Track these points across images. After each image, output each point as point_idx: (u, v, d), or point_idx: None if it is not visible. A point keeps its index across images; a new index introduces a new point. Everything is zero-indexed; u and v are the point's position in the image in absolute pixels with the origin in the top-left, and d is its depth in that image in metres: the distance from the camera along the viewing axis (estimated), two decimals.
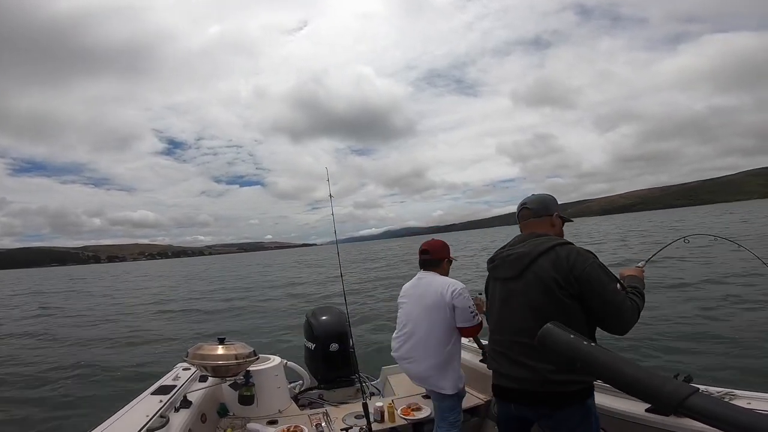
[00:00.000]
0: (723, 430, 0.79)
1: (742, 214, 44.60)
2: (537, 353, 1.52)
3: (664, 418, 1.72)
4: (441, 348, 2.17)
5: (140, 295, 20.18)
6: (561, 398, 1.52)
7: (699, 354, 5.04)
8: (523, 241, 1.69)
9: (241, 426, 2.44)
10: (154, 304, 16.01)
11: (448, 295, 2.16)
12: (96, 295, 22.66)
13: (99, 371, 6.64)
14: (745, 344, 5.13)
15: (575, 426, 1.54)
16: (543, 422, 1.61)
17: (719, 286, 8.78)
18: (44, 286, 34.82)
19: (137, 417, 1.89)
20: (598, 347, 1.11)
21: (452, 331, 2.19)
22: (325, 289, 15.69)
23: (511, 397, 1.64)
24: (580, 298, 1.51)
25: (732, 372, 4.43)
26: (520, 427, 1.71)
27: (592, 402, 1.59)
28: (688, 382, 1.18)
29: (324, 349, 3.18)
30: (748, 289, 8.02)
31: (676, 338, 5.62)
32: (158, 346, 8.22)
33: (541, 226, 1.74)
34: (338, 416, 2.59)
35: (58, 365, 7.18)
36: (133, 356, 7.52)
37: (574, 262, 1.52)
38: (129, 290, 24.72)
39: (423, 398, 2.81)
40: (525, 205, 1.81)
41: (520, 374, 1.57)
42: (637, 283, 1.68)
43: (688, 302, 7.68)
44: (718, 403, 0.83)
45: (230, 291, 18.86)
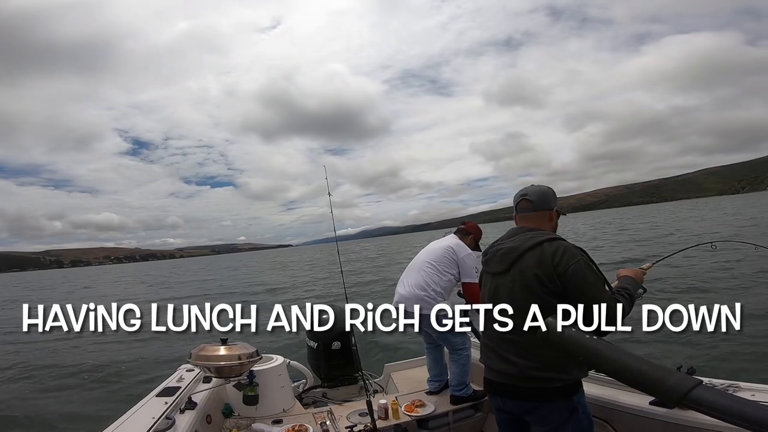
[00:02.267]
0: (727, 422, 0.79)
1: (705, 211, 45.82)
2: (520, 349, 1.53)
3: (668, 410, 1.73)
4: (430, 279, 2.67)
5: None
6: (544, 393, 1.51)
7: (702, 346, 5.05)
8: (513, 235, 1.66)
9: (246, 426, 2.45)
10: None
11: (459, 252, 2.75)
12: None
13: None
14: (749, 336, 5.13)
15: (562, 422, 1.52)
16: (529, 417, 1.61)
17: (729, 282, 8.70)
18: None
19: (143, 419, 1.90)
20: (600, 341, 1.11)
21: (449, 275, 2.70)
22: (325, 289, 15.68)
23: (498, 391, 1.65)
24: (563, 295, 1.48)
25: (735, 364, 4.44)
26: (514, 420, 1.70)
27: (581, 398, 1.56)
28: (691, 375, 1.18)
29: (326, 347, 3.18)
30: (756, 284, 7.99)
31: (679, 331, 5.61)
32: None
33: (537, 220, 1.68)
34: (342, 414, 2.59)
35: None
36: (133, 356, 7.54)
37: (560, 260, 1.49)
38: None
39: (426, 395, 2.82)
40: (525, 196, 1.72)
41: (505, 369, 1.58)
42: (629, 284, 1.63)
43: (691, 294, 7.69)
44: (723, 395, 0.83)
45: (232, 291, 18.83)
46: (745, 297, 7.18)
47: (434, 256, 2.79)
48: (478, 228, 2.99)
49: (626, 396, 1.91)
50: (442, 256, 2.76)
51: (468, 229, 2.97)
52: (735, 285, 8.20)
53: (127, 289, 24.34)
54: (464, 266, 2.73)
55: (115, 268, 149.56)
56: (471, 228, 2.98)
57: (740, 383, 1.78)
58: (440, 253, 2.78)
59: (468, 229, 2.97)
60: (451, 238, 2.90)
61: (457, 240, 2.87)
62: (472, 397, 2.66)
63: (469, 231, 2.95)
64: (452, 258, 2.75)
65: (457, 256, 2.75)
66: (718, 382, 1.79)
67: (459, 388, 2.65)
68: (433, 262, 2.75)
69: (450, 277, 2.72)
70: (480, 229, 2.98)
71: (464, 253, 2.77)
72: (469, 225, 2.99)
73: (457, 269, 2.74)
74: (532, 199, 1.71)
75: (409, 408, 2.59)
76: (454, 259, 2.74)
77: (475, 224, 3.01)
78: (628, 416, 1.87)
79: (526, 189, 1.75)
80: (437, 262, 2.74)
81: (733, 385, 1.76)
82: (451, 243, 2.83)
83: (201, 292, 19.73)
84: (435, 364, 2.86)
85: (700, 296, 7.84)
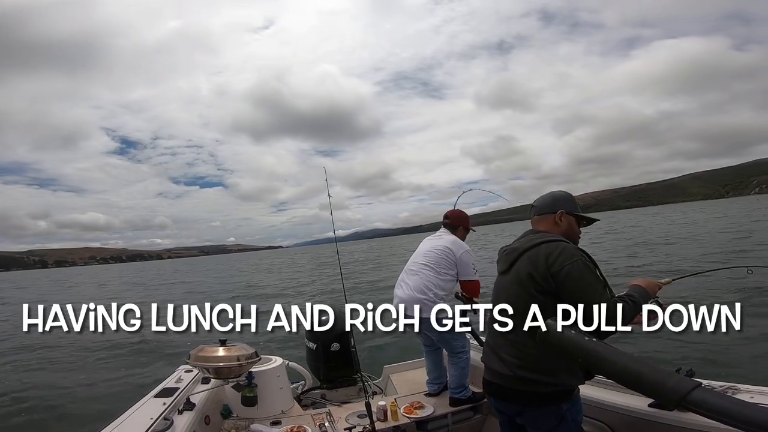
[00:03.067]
0: (726, 424, 0.80)
1: (691, 215, 46.40)
2: (513, 348, 1.54)
3: (668, 412, 1.73)
4: (430, 282, 2.62)
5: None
6: (531, 397, 1.50)
7: (701, 347, 5.04)
8: (521, 237, 1.72)
9: (244, 427, 2.44)
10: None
11: (455, 251, 2.67)
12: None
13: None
14: (749, 337, 5.13)
15: (549, 429, 1.51)
16: (519, 419, 1.62)
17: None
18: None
19: (141, 420, 1.89)
20: (599, 343, 1.12)
21: (447, 277, 2.64)
22: (325, 288, 15.66)
23: (492, 392, 1.66)
24: (557, 295, 1.48)
25: (735, 365, 4.44)
26: (513, 422, 1.69)
27: (571, 407, 1.53)
28: (690, 377, 1.18)
29: (325, 348, 3.17)
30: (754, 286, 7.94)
31: (678, 331, 5.60)
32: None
33: (543, 223, 1.73)
34: (341, 416, 2.59)
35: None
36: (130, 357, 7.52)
37: (555, 260, 1.49)
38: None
39: (425, 396, 2.81)
40: (533, 202, 1.81)
41: (499, 369, 1.58)
42: (637, 292, 1.57)
43: (691, 296, 7.68)
44: (722, 397, 0.84)
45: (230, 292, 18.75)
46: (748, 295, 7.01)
47: (431, 257, 2.71)
48: (463, 216, 2.85)
49: (625, 398, 1.91)
50: (439, 258, 2.69)
51: (453, 222, 2.84)
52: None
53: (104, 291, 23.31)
54: (462, 265, 2.68)
55: (101, 269, 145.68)
56: (455, 219, 2.84)
57: (739, 385, 1.78)
58: (437, 255, 2.70)
59: (453, 222, 2.84)
60: (446, 237, 2.79)
61: (453, 237, 2.77)
62: (471, 399, 2.65)
63: (455, 224, 2.83)
64: (450, 260, 2.68)
65: (455, 256, 2.68)
66: (717, 384, 1.79)
67: (458, 391, 2.64)
68: (431, 264, 2.68)
69: (449, 277, 2.68)
70: (465, 216, 2.85)
71: (461, 251, 2.70)
72: (452, 217, 2.86)
73: (456, 269, 2.68)
74: (535, 204, 1.79)
75: (408, 410, 2.58)
76: (452, 260, 2.68)
77: (458, 213, 2.87)
78: (627, 418, 1.87)
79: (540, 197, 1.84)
80: (435, 264, 2.67)
81: (732, 387, 1.76)
82: (447, 242, 2.74)
83: (180, 297, 18.25)
84: (434, 367, 2.86)
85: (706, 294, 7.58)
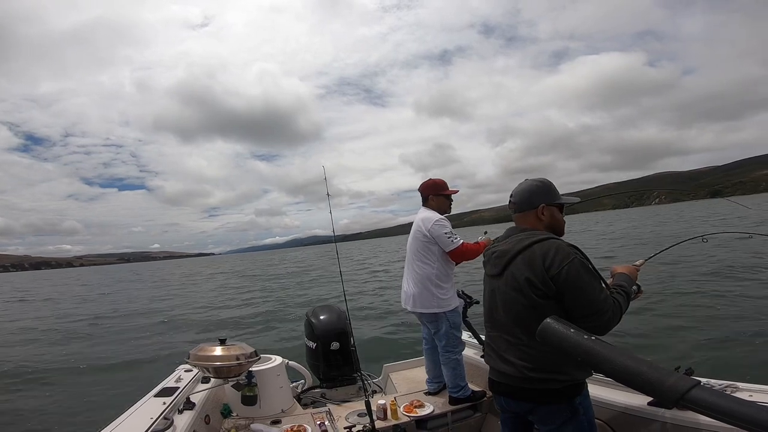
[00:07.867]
0: (725, 422, 0.80)
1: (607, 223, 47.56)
2: (518, 350, 1.54)
3: (666, 411, 1.73)
4: (422, 271, 2.62)
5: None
6: (543, 395, 1.51)
7: (701, 346, 5.05)
8: (508, 236, 1.66)
9: (244, 426, 2.45)
10: None
11: (425, 228, 2.62)
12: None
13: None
14: (747, 336, 5.15)
15: (562, 423, 1.51)
16: (531, 417, 1.61)
17: (723, 279, 8.72)
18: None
19: (141, 420, 1.89)
20: (599, 341, 1.12)
21: (434, 258, 2.61)
22: (325, 289, 15.68)
23: (500, 391, 1.65)
24: (558, 297, 1.46)
25: (733, 365, 4.45)
26: (517, 419, 1.71)
27: (583, 401, 1.54)
28: (689, 375, 1.18)
29: (325, 347, 3.18)
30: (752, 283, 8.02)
31: (676, 330, 5.65)
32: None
33: (526, 220, 1.67)
34: (341, 415, 2.59)
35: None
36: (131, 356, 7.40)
37: (552, 262, 1.45)
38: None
39: (425, 395, 2.82)
40: (510, 197, 1.72)
41: (506, 370, 1.58)
42: (625, 282, 1.61)
43: (687, 295, 7.70)
44: (720, 396, 0.84)
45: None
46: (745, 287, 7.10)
47: (412, 246, 2.70)
48: (429, 184, 2.75)
49: (624, 396, 1.91)
50: (420, 243, 2.64)
51: (423, 194, 2.76)
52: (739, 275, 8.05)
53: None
54: (438, 239, 2.57)
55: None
56: (423, 189, 2.76)
57: (738, 383, 1.78)
58: (414, 240, 2.68)
59: (423, 194, 2.76)
60: (419, 215, 2.71)
61: (423, 214, 2.68)
62: (470, 397, 2.66)
63: (424, 195, 2.76)
64: (426, 239, 2.61)
65: (430, 234, 2.59)
66: (716, 383, 1.79)
67: (455, 390, 2.64)
68: (418, 252, 2.66)
69: (435, 257, 2.62)
70: (432, 183, 2.74)
71: (429, 224, 2.59)
72: (420, 189, 2.79)
73: (437, 244, 2.60)
74: (514, 200, 1.70)
75: (407, 408, 2.58)
76: (428, 238, 2.60)
77: (425, 182, 2.77)
78: (626, 416, 1.88)
79: (515, 188, 1.72)
80: (420, 251, 2.65)
81: (731, 386, 1.77)
82: (418, 222, 2.68)
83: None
84: (434, 366, 2.85)
85: (698, 290, 7.82)
